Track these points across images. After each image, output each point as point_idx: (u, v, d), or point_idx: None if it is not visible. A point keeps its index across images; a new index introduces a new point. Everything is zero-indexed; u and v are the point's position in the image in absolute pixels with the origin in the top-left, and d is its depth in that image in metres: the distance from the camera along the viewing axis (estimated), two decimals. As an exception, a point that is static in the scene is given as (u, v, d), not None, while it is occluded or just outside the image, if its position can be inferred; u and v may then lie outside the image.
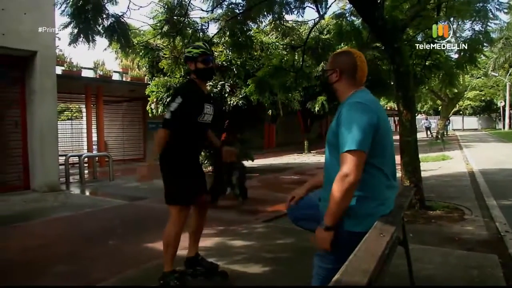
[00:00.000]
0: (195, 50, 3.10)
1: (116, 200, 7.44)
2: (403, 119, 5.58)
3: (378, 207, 1.98)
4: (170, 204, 3.11)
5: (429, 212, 5.43)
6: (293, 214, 2.42)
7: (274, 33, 8.66)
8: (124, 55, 8.38)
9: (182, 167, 3.14)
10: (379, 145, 1.95)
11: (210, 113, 3.19)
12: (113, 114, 16.09)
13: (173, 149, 3.07)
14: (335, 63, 2.13)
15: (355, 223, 1.93)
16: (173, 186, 3.13)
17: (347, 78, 2.09)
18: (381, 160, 1.98)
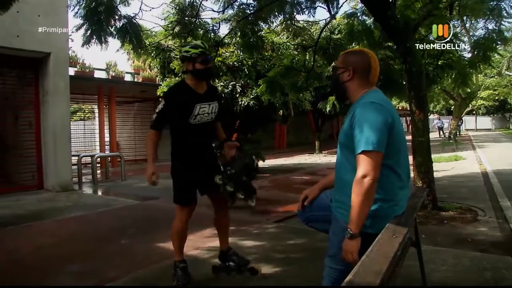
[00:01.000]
0: (194, 50, 3.04)
1: (128, 200, 7.49)
2: (415, 119, 5.54)
3: (392, 208, 1.96)
4: (174, 202, 3.32)
5: (441, 213, 5.37)
6: (304, 215, 2.42)
7: (285, 33, 8.66)
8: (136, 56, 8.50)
9: (179, 168, 3.24)
10: (393, 145, 1.93)
11: (209, 112, 3.14)
12: (125, 115, 16.23)
13: (173, 151, 3.23)
14: (348, 61, 2.08)
15: (368, 225, 1.92)
16: (174, 186, 3.30)
17: (360, 78, 2.04)
18: (394, 161, 1.96)
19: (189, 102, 3.06)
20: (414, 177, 5.54)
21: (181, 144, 3.20)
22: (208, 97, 3.16)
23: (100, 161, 12.47)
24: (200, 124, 3.12)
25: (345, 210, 1.97)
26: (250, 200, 3.06)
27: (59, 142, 8.46)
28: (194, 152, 3.18)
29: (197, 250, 4.15)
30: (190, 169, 3.19)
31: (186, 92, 3.10)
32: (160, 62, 10.27)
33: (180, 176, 3.23)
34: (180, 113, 3.06)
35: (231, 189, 2.99)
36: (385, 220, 1.91)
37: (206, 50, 3.10)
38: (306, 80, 7.22)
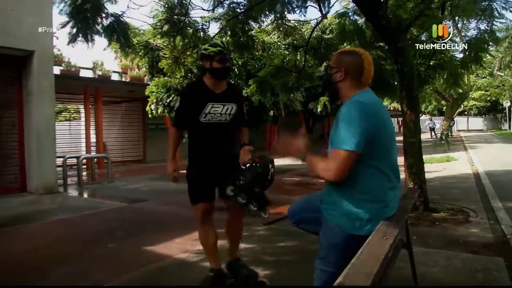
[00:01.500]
0: (212, 48, 3.04)
1: (115, 202, 7.44)
2: (407, 119, 5.59)
3: (382, 210, 1.98)
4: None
5: (433, 214, 5.42)
6: (294, 217, 2.43)
7: (276, 33, 8.70)
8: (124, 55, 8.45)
9: (191, 165, 3.23)
10: (382, 146, 1.96)
11: (222, 113, 3.11)
12: (112, 115, 16.13)
13: (188, 149, 3.19)
14: (341, 62, 2.11)
15: (358, 227, 1.94)
16: (188, 185, 3.26)
17: (352, 79, 2.07)
18: (384, 162, 1.98)
19: (201, 100, 3.07)
20: (405, 178, 5.58)
21: (193, 142, 3.19)
22: (224, 97, 3.14)
23: (86, 163, 12.38)
24: (211, 124, 3.09)
25: (335, 211, 1.99)
26: (263, 211, 3.01)
27: (44, 143, 8.37)
28: (205, 151, 3.16)
29: (186, 253, 4.14)
30: (201, 167, 3.16)
31: (200, 90, 3.11)
32: (149, 61, 10.25)
33: (191, 172, 3.22)
34: (192, 110, 3.07)
35: (243, 201, 2.91)
36: (375, 222, 1.93)
37: (225, 49, 3.07)
38: (297, 80, 7.25)
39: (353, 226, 1.94)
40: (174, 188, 8.50)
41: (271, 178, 2.94)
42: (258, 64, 9.67)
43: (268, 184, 2.95)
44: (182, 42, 7.11)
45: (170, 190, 8.89)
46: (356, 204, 1.94)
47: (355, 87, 2.07)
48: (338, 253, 1.96)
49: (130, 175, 11.99)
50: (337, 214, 1.98)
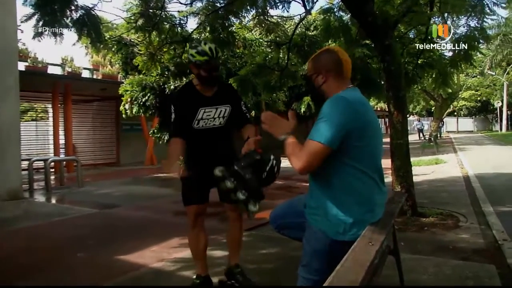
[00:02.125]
0: (199, 57, 3.01)
1: (85, 208, 7.33)
2: (394, 120, 5.66)
3: (366, 214, 1.99)
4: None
5: (421, 219, 5.49)
6: (276, 222, 2.44)
7: (257, 29, 8.69)
8: (95, 51, 8.33)
9: (188, 170, 3.17)
10: (368, 148, 1.98)
11: (215, 117, 3.12)
12: (83, 115, 15.92)
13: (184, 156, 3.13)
14: (317, 65, 2.15)
15: (342, 232, 1.95)
16: (182, 186, 3.30)
17: (335, 77, 2.11)
18: (368, 163, 2.00)
19: (192, 106, 3.07)
20: (392, 181, 5.65)
21: (188, 149, 3.15)
22: (216, 100, 3.14)
23: (54, 166, 12.17)
24: (205, 130, 3.11)
25: (319, 216, 2.01)
26: (252, 204, 2.72)
27: (7, 144, 8.19)
28: (200, 158, 3.15)
29: (162, 262, 4.11)
30: (196, 171, 3.15)
31: (190, 95, 3.11)
32: (122, 58, 10.16)
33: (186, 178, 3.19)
34: (184, 117, 3.08)
35: (231, 185, 2.67)
36: (360, 227, 1.95)
37: (213, 58, 3.03)
38: (279, 79, 7.27)
39: (336, 231, 1.95)
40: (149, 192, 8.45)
41: (272, 173, 2.73)
42: (239, 62, 9.68)
43: (266, 178, 2.72)
44: (158, 37, 7.06)
45: (145, 195, 8.84)
46: (340, 208, 1.95)
47: (340, 83, 2.10)
48: (321, 260, 1.98)
49: (102, 179, 11.84)
50: (320, 219, 1.99)
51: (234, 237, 3.44)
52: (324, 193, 2.00)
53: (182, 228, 5.44)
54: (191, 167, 3.15)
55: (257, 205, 2.70)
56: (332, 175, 1.98)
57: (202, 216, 3.27)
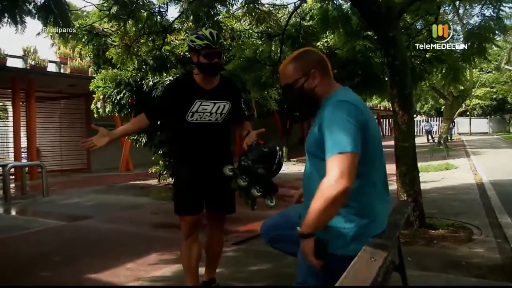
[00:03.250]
0: (199, 41, 3.09)
1: (51, 220, 7.28)
2: (399, 121, 5.68)
3: (369, 226, 2.01)
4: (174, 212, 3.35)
5: (430, 231, 5.52)
6: (268, 235, 2.45)
7: (247, 19, 8.71)
8: (63, 42, 8.24)
9: (181, 173, 3.30)
10: (368, 151, 1.99)
11: (212, 112, 3.18)
12: (48, 114, 15.84)
13: (173, 154, 3.28)
14: (305, 66, 2.14)
15: (341, 245, 1.97)
16: (174, 193, 3.36)
17: (325, 76, 2.15)
18: (370, 169, 2.02)
19: (188, 96, 3.14)
20: (398, 189, 5.68)
21: (180, 145, 3.29)
22: (215, 94, 3.21)
23: (14, 172, 12.07)
24: (199, 124, 3.17)
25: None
26: (269, 199, 2.86)
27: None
28: (193, 155, 3.23)
29: (139, 281, 4.09)
30: (190, 173, 3.21)
31: (188, 85, 3.19)
32: (94, 50, 10.07)
33: (179, 180, 3.32)
34: (178, 108, 3.15)
35: (245, 183, 2.78)
36: (361, 240, 1.96)
37: (214, 43, 3.09)
38: (271, 75, 7.29)
39: (335, 244, 1.97)
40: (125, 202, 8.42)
41: (279, 163, 2.87)
42: (226, 56, 9.65)
43: (276, 168, 2.87)
44: (134, 27, 7.05)
45: (120, 205, 8.80)
46: (339, 218, 1.96)
47: (330, 83, 2.16)
48: (319, 276, 1.99)
49: (71, 187, 11.76)
50: (321, 233, 1.98)
51: (214, 248, 3.48)
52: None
53: (162, 242, 5.45)
54: (185, 169, 3.22)
55: (273, 200, 2.79)
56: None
57: (198, 226, 3.32)
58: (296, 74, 2.14)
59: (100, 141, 3.12)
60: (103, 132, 3.13)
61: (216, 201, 3.28)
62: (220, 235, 3.49)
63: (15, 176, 12.18)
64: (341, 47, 7.31)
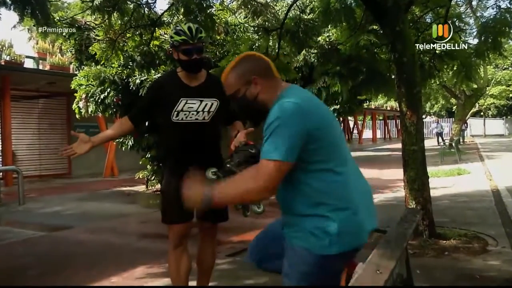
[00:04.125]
0: (176, 36, 3.13)
1: (27, 231, 7.27)
2: (406, 122, 5.70)
3: (352, 218, 2.04)
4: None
5: (441, 241, 5.53)
6: (254, 255, 2.48)
7: (242, 12, 8.73)
8: (42, 36, 8.23)
9: (169, 179, 3.30)
10: (331, 145, 2.06)
11: (199, 110, 3.22)
12: (26, 115, 15.78)
13: (161, 156, 3.32)
14: (243, 74, 2.19)
15: (328, 244, 2.00)
16: (162, 201, 3.40)
17: (268, 81, 2.19)
18: (338, 162, 2.08)
19: (172, 94, 3.19)
20: (406, 196, 5.70)
21: (167, 148, 3.36)
22: (202, 92, 3.24)
23: (-11, 178, 12.03)
24: (185, 125, 3.21)
25: (299, 232, 2.07)
26: (256, 204, 2.94)
27: None
28: (180, 157, 3.26)
29: None
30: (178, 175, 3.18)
31: (172, 83, 3.25)
32: (75, 45, 10.08)
33: (167, 185, 3.32)
34: (162, 108, 3.21)
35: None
36: (347, 234, 2.01)
37: (191, 38, 3.13)
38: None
39: (322, 245, 2.00)
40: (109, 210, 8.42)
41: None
42: (219, 51, 9.68)
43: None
44: (120, 20, 7.04)
45: (104, 214, 8.78)
46: (319, 217, 2.02)
47: (275, 85, 2.20)
48: (311, 281, 2.03)
49: (50, 194, 11.73)
50: (301, 235, 2.05)
51: (206, 261, 3.50)
52: (297, 206, 2.07)
53: (150, 254, 5.45)
54: (173, 173, 3.23)
55: (261, 205, 2.80)
56: (300, 184, 2.05)
57: (187, 236, 3.35)
58: (236, 83, 2.20)
59: (81, 148, 3.19)
60: (84, 138, 3.20)
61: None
62: (213, 246, 3.51)
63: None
64: (344, 42, 7.32)
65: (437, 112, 45.70)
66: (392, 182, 11.72)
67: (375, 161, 20.35)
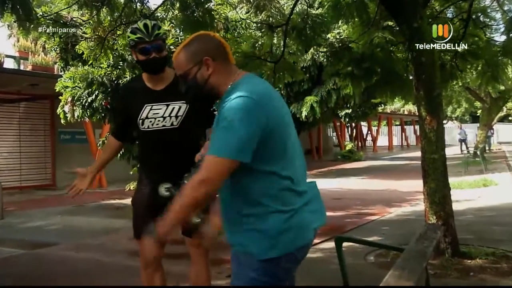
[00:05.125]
0: (132, 35, 3.17)
1: (7, 248, 7.27)
2: (426, 128, 5.69)
3: (291, 220, 2.11)
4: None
5: (465, 261, 5.51)
6: None
7: (244, 6, 8.76)
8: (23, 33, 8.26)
9: (139, 190, 3.37)
10: (278, 145, 2.14)
11: (165, 116, 3.21)
12: (5, 120, 15.82)
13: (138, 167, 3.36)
14: (195, 54, 2.23)
15: (268, 247, 2.07)
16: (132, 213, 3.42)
17: (222, 64, 2.24)
18: (283, 165, 2.15)
19: (137, 101, 3.21)
20: (425, 210, 5.69)
21: (139, 158, 3.47)
22: (168, 95, 3.23)
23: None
24: (153, 133, 3.21)
25: (240, 235, 2.18)
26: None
27: None
28: (150, 168, 3.30)
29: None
30: (149, 189, 3.24)
31: (137, 88, 3.28)
32: (61, 43, 10.12)
33: (137, 196, 3.37)
34: (130, 116, 3.26)
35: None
36: (286, 236, 2.09)
37: (147, 36, 3.15)
38: (273, 73, 7.31)
39: (262, 248, 2.09)
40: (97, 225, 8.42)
41: None
42: (219, 49, 9.73)
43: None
44: (110, 16, 7.07)
45: (92, 229, 8.78)
46: (257, 220, 2.11)
47: (229, 70, 2.26)
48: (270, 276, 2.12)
49: (32, 208, 11.74)
50: (243, 241, 2.16)
51: (202, 279, 3.44)
52: (235, 205, 2.18)
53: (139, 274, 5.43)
54: (143, 184, 3.29)
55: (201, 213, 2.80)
56: (241, 183, 2.14)
57: (158, 254, 3.32)
58: (187, 63, 2.24)
59: (84, 183, 3.35)
60: (82, 172, 3.34)
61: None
62: (205, 266, 3.43)
63: (-35, 194, 12.15)
64: (356, 40, 7.32)
65: (460, 116, 45.64)
66: (410, 194, 11.72)
67: (392, 171, 20.33)
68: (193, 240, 3.25)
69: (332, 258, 4.26)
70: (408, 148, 44.03)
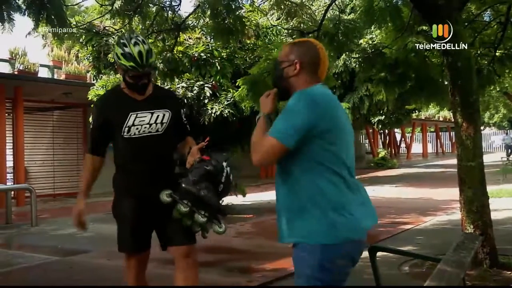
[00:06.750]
0: (125, 61, 3.17)
1: (41, 255, 7.36)
2: (462, 135, 5.61)
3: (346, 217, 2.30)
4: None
5: (505, 272, 5.42)
6: None
7: (275, 13, 8.76)
8: (57, 42, 8.40)
9: (120, 201, 3.44)
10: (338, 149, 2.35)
11: (151, 123, 3.29)
12: (39, 128, 16.04)
13: (113, 178, 3.52)
14: (294, 53, 2.52)
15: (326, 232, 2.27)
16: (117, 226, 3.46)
17: (307, 73, 2.49)
18: (339, 162, 2.36)
19: (121, 111, 3.27)
20: (462, 219, 5.60)
21: (117, 168, 3.48)
22: (151, 104, 3.34)
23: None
24: (138, 139, 3.27)
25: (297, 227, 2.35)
26: (217, 224, 3.01)
27: None
28: (134, 178, 3.35)
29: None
30: (131, 200, 3.31)
31: (118, 99, 3.37)
32: (93, 52, 10.24)
33: (118, 209, 3.45)
34: (112, 126, 3.30)
35: (186, 209, 2.92)
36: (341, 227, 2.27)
37: (140, 66, 3.18)
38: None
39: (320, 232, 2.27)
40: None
41: (228, 183, 3.05)
42: (249, 57, 9.73)
43: (224, 188, 3.04)
44: (141, 25, 7.14)
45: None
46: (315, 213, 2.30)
47: (310, 81, 2.48)
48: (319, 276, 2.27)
49: (65, 215, 11.84)
50: (301, 232, 2.33)
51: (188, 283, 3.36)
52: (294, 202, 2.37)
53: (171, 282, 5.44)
54: (124, 195, 3.36)
55: (222, 224, 2.87)
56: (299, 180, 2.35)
57: (142, 267, 3.40)
58: (286, 56, 2.56)
59: (78, 218, 3.50)
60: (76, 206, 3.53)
61: (169, 231, 3.29)
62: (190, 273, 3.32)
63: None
64: (390, 45, 7.27)
65: (498, 123, 44.84)
66: (446, 203, 11.57)
67: (427, 179, 20.10)
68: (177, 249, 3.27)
69: (365, 268, 4.21)
70: (443, 155, 43.52)
